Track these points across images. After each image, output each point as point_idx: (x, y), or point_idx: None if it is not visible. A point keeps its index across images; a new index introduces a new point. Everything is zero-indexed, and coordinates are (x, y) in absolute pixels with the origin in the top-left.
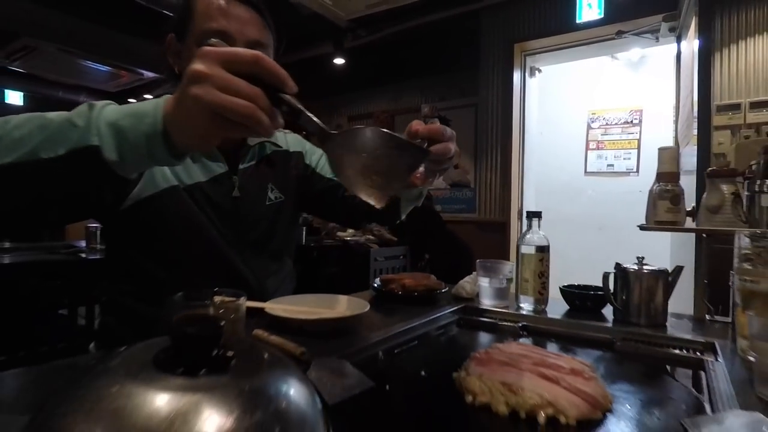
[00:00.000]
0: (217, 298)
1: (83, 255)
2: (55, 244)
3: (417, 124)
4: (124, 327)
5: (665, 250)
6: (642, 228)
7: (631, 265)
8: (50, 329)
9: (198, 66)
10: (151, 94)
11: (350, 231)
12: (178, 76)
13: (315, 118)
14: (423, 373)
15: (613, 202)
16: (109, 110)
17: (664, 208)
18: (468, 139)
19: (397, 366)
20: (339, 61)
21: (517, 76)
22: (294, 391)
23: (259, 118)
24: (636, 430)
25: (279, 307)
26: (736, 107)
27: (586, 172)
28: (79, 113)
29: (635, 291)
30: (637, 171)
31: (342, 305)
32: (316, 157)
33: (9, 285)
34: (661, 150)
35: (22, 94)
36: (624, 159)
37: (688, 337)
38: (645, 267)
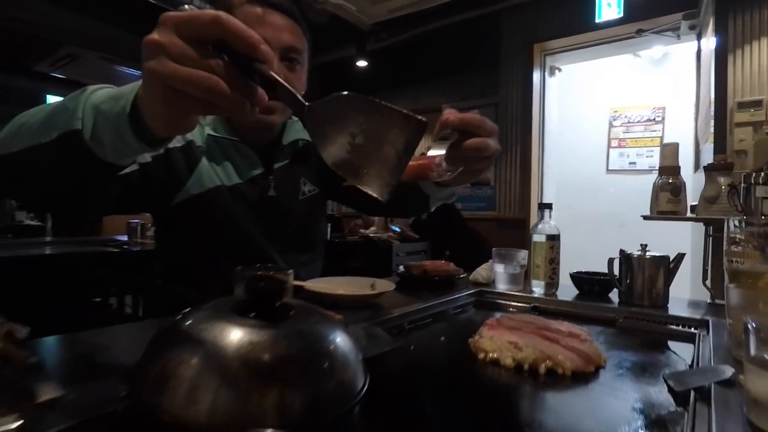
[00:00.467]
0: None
1: (126, 247)
2: (99, 238)
3: (449, 113)
4: (172, 311)
5: (685, 246)
6: (645, 218)
7: (635, 252)
8: (101, 316)
9: (152, 35)
10: None
11: (372, 228)
12: None
13: (291, 89)
14: (442, 338)
15: (635, 199)
16: (98, 93)
17: (665, 199)
18: None
19: (420, 334)
20: (361, 63)
21: (536, 75)
22: (340, 339)
23: (221, 91)
24: (623, 382)
25: (317, 285)
26: (757, 104)
27: (607, 169)
28: (71, 97)
29: (638, 275)
30: None
31: (370, 285)
32: None
33: (59, 274)
34: (664, 146)
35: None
36: (647, 156)
37: (685, 315)
38: (648, 253)
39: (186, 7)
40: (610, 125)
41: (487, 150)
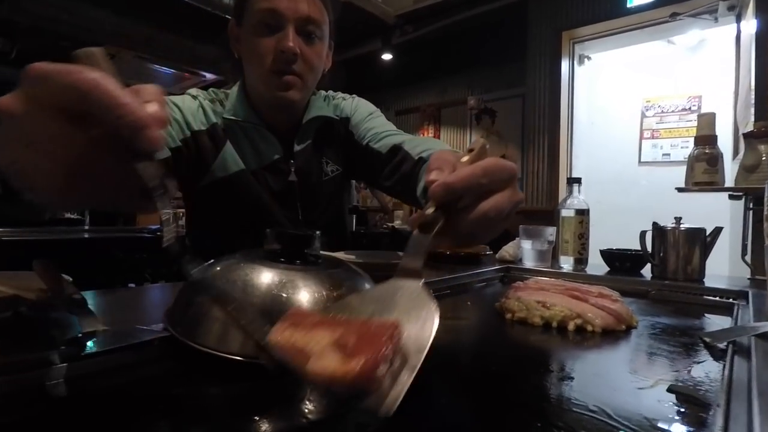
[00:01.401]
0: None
1: (160, 233)
2: (136, 228)
3: (435, 178)
4: None
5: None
6: (680, 190)
7: (669, 224)
8: None
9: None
10: None
11: (398, 222)
12: (239, 61)
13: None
14: (468, 303)
15: (669, 192)
16: None
17: (701, 170)
18: (515, 129)
19: (446, 300)
20: (386, 56)
21: (565, 64)
22: (367, 285)
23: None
24: (655, 340)
25: (350, 255)
26: None
27: (640, 162)
28: None
29: (672, 249)
30: None
31: (398, 257)
32: (362, 127)
33: (96, 257)
34: (700, 116)
35: None
36: (681, 148)
37: (723, 287)
38: (683, 226)
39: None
40: (643, 116)
41: (503, 209)
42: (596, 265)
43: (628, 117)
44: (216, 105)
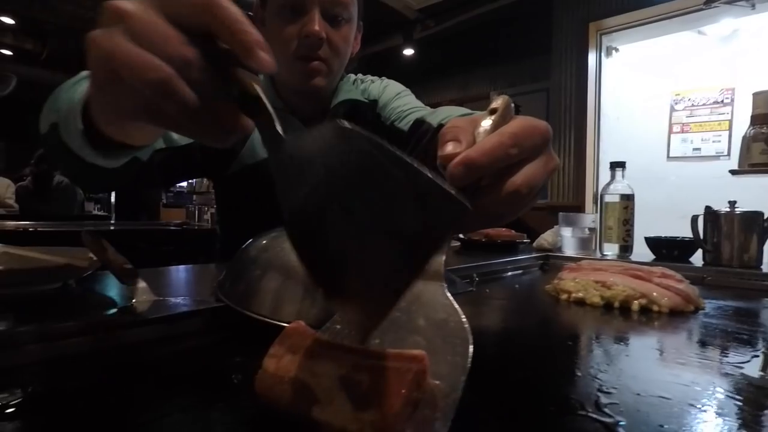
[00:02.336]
0: None
1: (186, 227)
2: (162, 222)
3: (455, 146)
4: None
5: None
6: (734, 172)
7: (723, 208)
8: None
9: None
10: None
11: None
12: None
13: (273, 114)
14: (516, 286)
15: (700, 187)
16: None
17: (758, 150)
18: None
19: (491, 284)
20: (408, 52)
21: (592, 57)
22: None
23: (173, 93)
24: (730, 320)
25: None
26: None
27: (668, 156)
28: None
29: (727, 234)
30: (728, 154)
31: None
32: (388, 107)
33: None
34: (756, 94)
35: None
36: (713, 142)
37: None
38: (737, 209)
39: None
40: (672, 109)
41: (535, 189)
42: (641, 254)
43: (657, 110)
44: None
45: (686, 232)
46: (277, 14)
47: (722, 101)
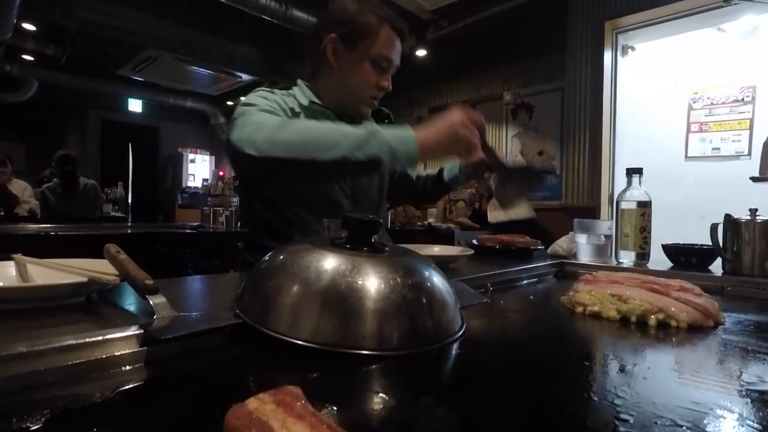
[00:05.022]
0: None
1: (201, 229)
2: (178, 224)
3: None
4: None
5: None
6: (755, 180)
7: (743, 217)
8: None
9: (462, 120)
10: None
11: (431, 219)
12: (326, 64)
13: (498, 156)
14: (531, 297)
15: (719, 188)
16: (385, 134)
17: None
18: (554, 124)
19: (505, 294)
20: (421, 52)
21: (607, 56)
22: (437, 278)
23: (477, 148)
24: (751, 336)
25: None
26: None
27: (686, 156)
28: (369, 135)
29: (748, 243)
30: (749, 153)
31: (446, 250)
32: None
33: (143, 251)
34: None
35: (141, 102)
36: (733, 141)
37: None
38: (759, 218)
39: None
40: (690, 108)
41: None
42: (658, 261)
43: (674, 109)
44: (289, 98)
45: (705, 234)
46: (366, 63)
47: (742, 99)
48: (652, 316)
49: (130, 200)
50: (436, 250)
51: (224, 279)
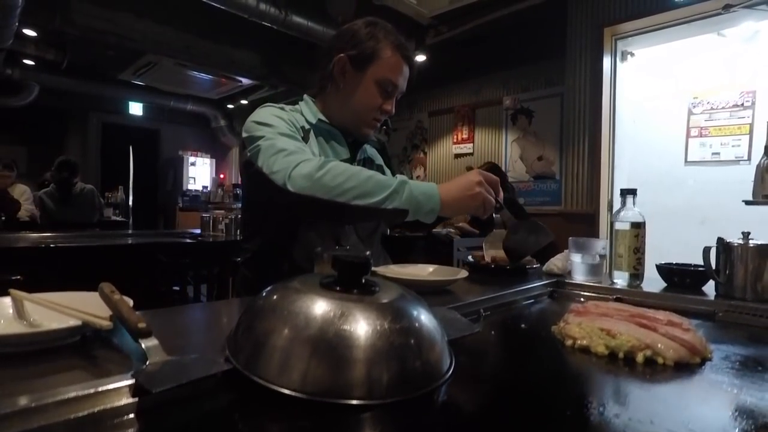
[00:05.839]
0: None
1: (201, 239)
2: (177, 232)
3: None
4: (259, 279)
5: None
6: (748, 203)
7: (736, 240)
8: (180, 303)
9: (480, 179)
10: (246, 100)
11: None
12: (333, 83)
13: (508, 210)
14: (523, 326)
15: (719, 192)
16: (413, 187)
17: None
18: (553, 129)
19: (498, 321)
20: (420, 58)
21: (606, 61)
22: (425, 316)
23: (493, 205)
24: (736, 376)
25: (390, 269)
26: None
27: (686, 161)
28: (396, 183)
29: (740, 266)
30: (749, 158)
31: (441, 272)
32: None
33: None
34: None
35: (141, 105)
36: (732, 146)
37: None
38: (751, 242)
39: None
40: (690, 112)
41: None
42: (652, 280)
43: (674, 114)
44: (297, 114)
45: (705, 238)
46: (372, 86)
47: (742, 104)
48: (640, 353)
49: (131, 203)
50: (431, 270)
51: (220, 309)
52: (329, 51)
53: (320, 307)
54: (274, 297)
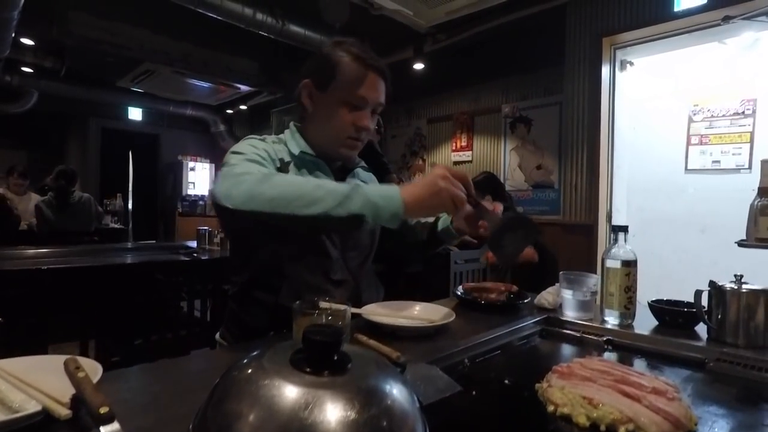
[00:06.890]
0: (325, 305)
1: (196, 255)
2: (174, 245)
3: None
4: (247, 314)
5: None
6: (741, 244)
7: (728, 284)
8: (174, 319)
9: (443, 173)
10: (245, 105)
11: None
12: (305, 109)
13: (487, 209)
14: (507, 381)
15: (719, 201)
16: (368, 190)
17: (766, 225)
18: (552, 138)
19: (482, 373)
20: (418, 66)
21: (606, 70)
22: (397, 391)
23: (462, 203)
24: None
25: (375, 312)
26: None
27: (686, 169)
28: (352, 191)
29: (732, 310)
30: (749, 167)
31: (428, 313)
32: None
33: (140, 280)
34: (764, 162)
35: (141, 110)
36: (733, 154)
37: None
38: (744, 286)
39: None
40: (690, 120)
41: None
42: (644, 315)
43: (674, 122)
44: (279, 145)
45: (704, 248)
46: (338, 104)
47: (743, 112)
48: (622, 427)
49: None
50: (417, 311)
51: (199, 368)
52: (298, 80)
53: (287, 394)
54: (242, 376)
